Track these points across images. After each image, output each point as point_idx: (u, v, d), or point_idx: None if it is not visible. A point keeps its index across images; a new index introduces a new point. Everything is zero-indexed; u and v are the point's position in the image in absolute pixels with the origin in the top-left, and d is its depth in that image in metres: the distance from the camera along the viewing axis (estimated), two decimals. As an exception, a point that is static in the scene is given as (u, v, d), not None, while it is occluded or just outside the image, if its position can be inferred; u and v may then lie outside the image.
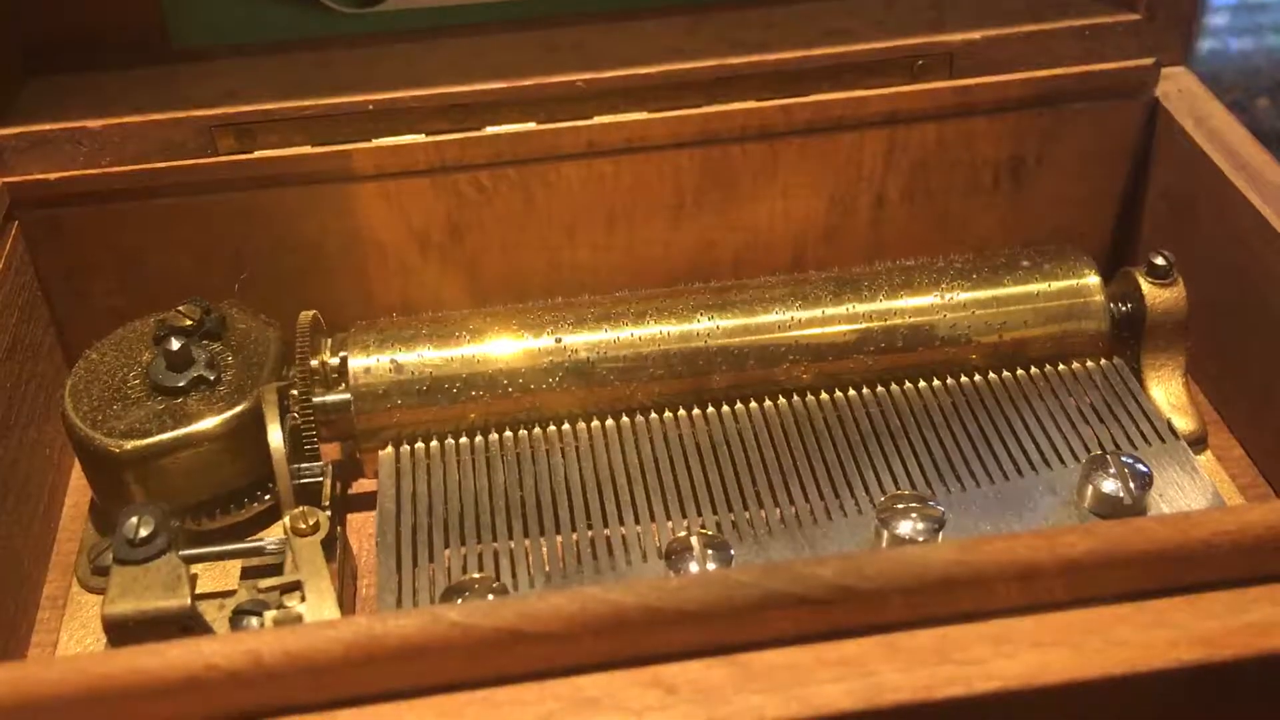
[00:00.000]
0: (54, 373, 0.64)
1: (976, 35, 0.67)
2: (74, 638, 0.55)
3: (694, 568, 0.49)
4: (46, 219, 0.63)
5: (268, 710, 0.40)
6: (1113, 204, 0.71)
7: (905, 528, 0.50)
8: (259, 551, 0.53)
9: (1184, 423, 0.60)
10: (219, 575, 0.56)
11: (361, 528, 0.60)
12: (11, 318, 0.60)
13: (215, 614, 0.53)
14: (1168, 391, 0.61)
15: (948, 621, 0.42)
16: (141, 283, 0.65)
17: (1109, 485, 0.52)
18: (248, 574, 0.54)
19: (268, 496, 0.57)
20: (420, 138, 0.64)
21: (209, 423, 0.55)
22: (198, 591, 0.56)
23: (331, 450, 0.63)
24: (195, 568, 0.56)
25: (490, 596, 0.49)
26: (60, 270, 0.64)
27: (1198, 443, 0.60)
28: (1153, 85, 0.68)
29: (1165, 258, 0.61)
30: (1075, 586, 0.42)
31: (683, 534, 0.51)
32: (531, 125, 0.65)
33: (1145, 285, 0.61)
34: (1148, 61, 0.67)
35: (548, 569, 0.52)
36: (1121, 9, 0.68)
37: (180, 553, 0.52)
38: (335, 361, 0.59)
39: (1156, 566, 0.42)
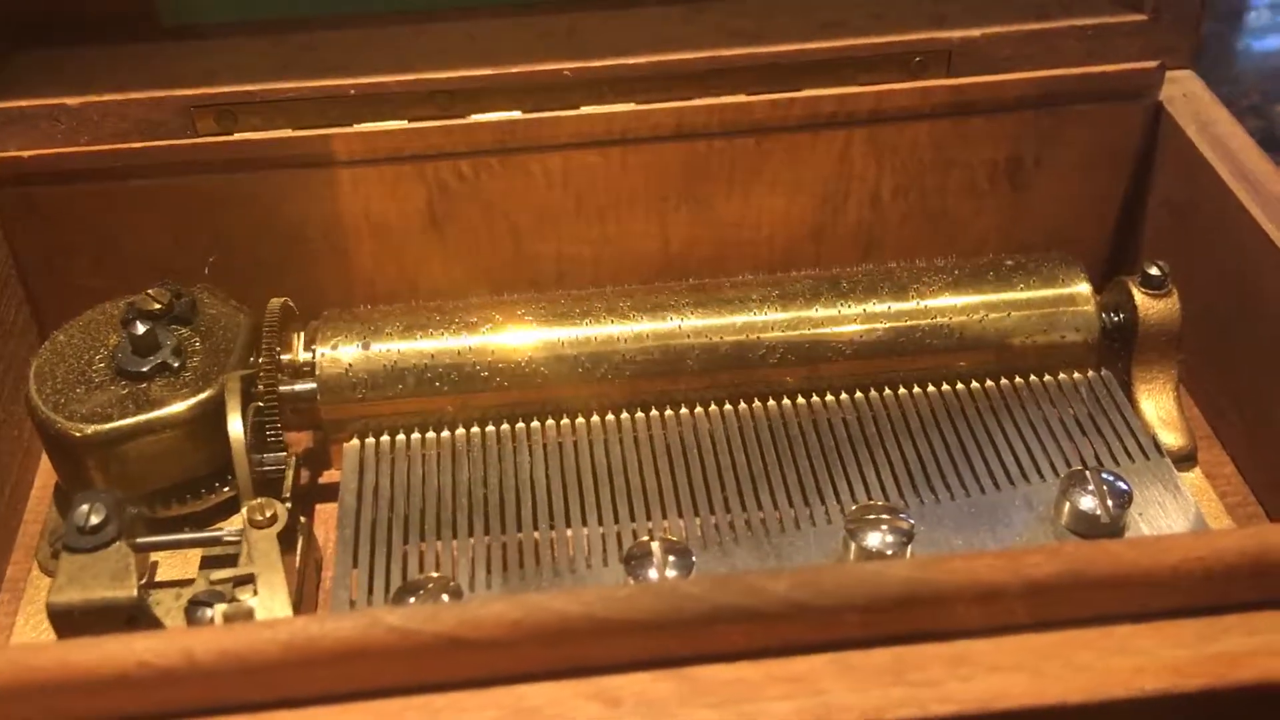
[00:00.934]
0: (26, 353, 0.63)
1: (977, 33, 0.65)
2: (30, 622, 0.54)
3: (653, 574, 0.48)
4: (21, 197, 0.62)
5: (202, 709, 0.39)
6: (1112, 210, 0.69)
7: (874, 539, 0.49)
8: (216, 541, 0.53)
9: (1173, 438, 0.58)
10: (180, 563, 0.56)
11: (330, 518, 0.59)
12: (-20, 296, 0.59)
13: (172, 603, 0.52)
14: (1158, 405, 0.59)
15: (904, 641, 0.40)
16: (118, 264, 0.64)
17: (1087, 502, 0.50)
18: (207, 563, 0.53)
19: (227, 488, 0.56)
20: (402, 124, 0.63)
21: (171, 409, 0.54)
22: (157, 579, 0.56)
23: (305, 439, 0.62)
24: (156, 555, 0.56)
25: (445, 597, 0.48)
26: (36, 249, 0.64)
27: (1187, 459, 0.58)
28: (1157, 88, 0.66)
29: (1160, 267, 0.59)
30: (1038, 609, 0.41)
31: (644, 539, 0.49)
32: (517, 114, 0.64)
33: (1138, 295, 0.59)
34: (1152, 64, 0.65)
35: (505, 570, 0.51)
36: (1127, 9, 0.66)
37: (137, 540, 0.51)
38: (308, 355, 0.58)
39: (1124, 591, 0.40)
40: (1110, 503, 0.50)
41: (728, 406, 0.57)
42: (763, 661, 0.40)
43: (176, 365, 0.55)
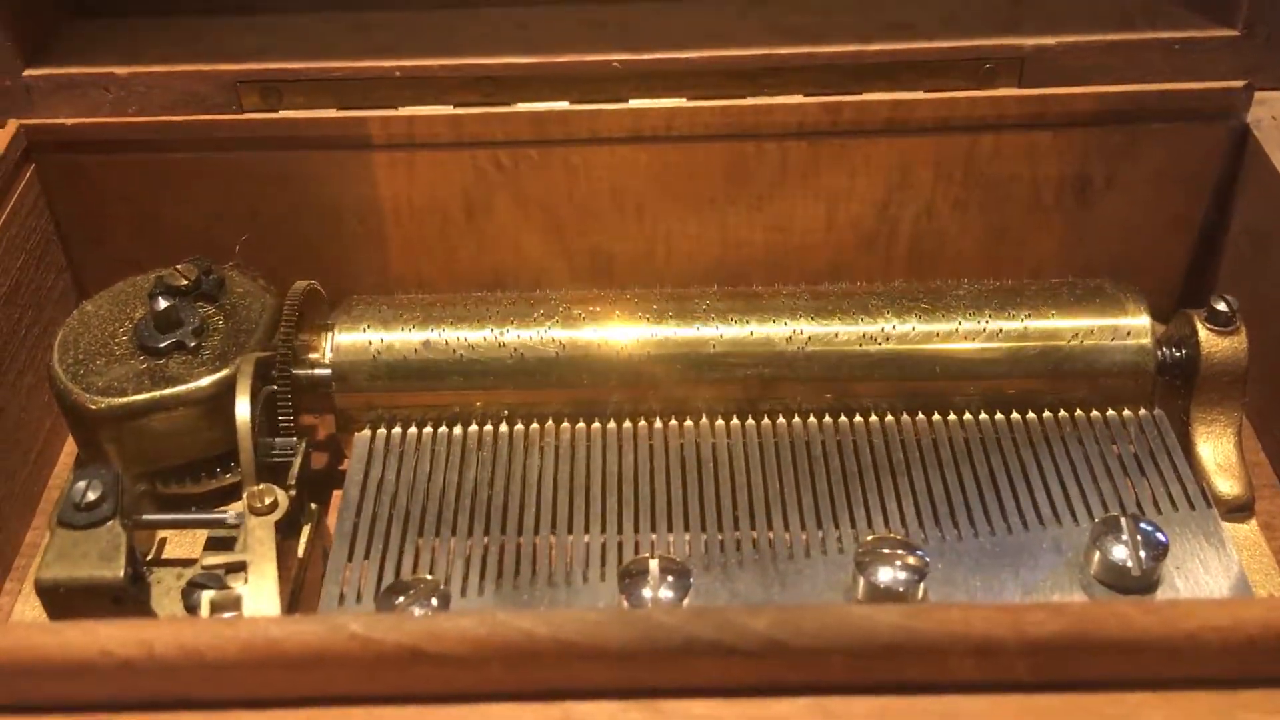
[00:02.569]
0: (64, 319, 0.63)
1: (1052, 41, 0.62)
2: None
3: (647, 594, 0.46)
4: (65, 164, 0.62)
5: (160, 702, 0.39)
6: (1188, 236, 0.65)
7: (884, 575, 0.46)
8: (220, 523, 0.52)
9: (1229, 486, 0.54)
10: (190, 542, 0.55)
11: (346, 506, 0.58)
12: (16, 261, 0.59)
13: (174, 582, 0.52)
14: (1216, 450, 0.55)
15: (891, 691, 0.38)
16: (157, 236, 0.64)
17: (1118, 552, 0.47)
18: (212, 545, 0.53)
19: (230, 473, 0.55)
20: (444, 109, 0.62)
21: (186, 387, 0.54)
22: (164, 556, 0.55)
23: (329, 425, 0.61)
24: (165, 532, 0.55)
25: (434, 600, 0.47)
26: (78, 217, 0.64)
27: (1242, 509, 0.54)
28: (1243, 109, 0.62)
29: (1228, 302, 0.55)
30: (1040, 668, 0.38)
31: (643, 555, 0.47)
32: (563, 105, 0.62)
33: (1202, 331, 0.55)
34: (1239, 83, 0.61)
35: (500, 577, 0.49)
36: (1217, 24, 0.62)
37: (139, 518, 0.51)
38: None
39: (1133, 656, 0.37)
40: (1143, 554, 0.47)
41: (750, 421, 0.55)
42: (738, 700, 0.38)
43: (192, 345, 0.55)
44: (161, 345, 0.55)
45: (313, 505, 0.55)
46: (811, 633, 0.37)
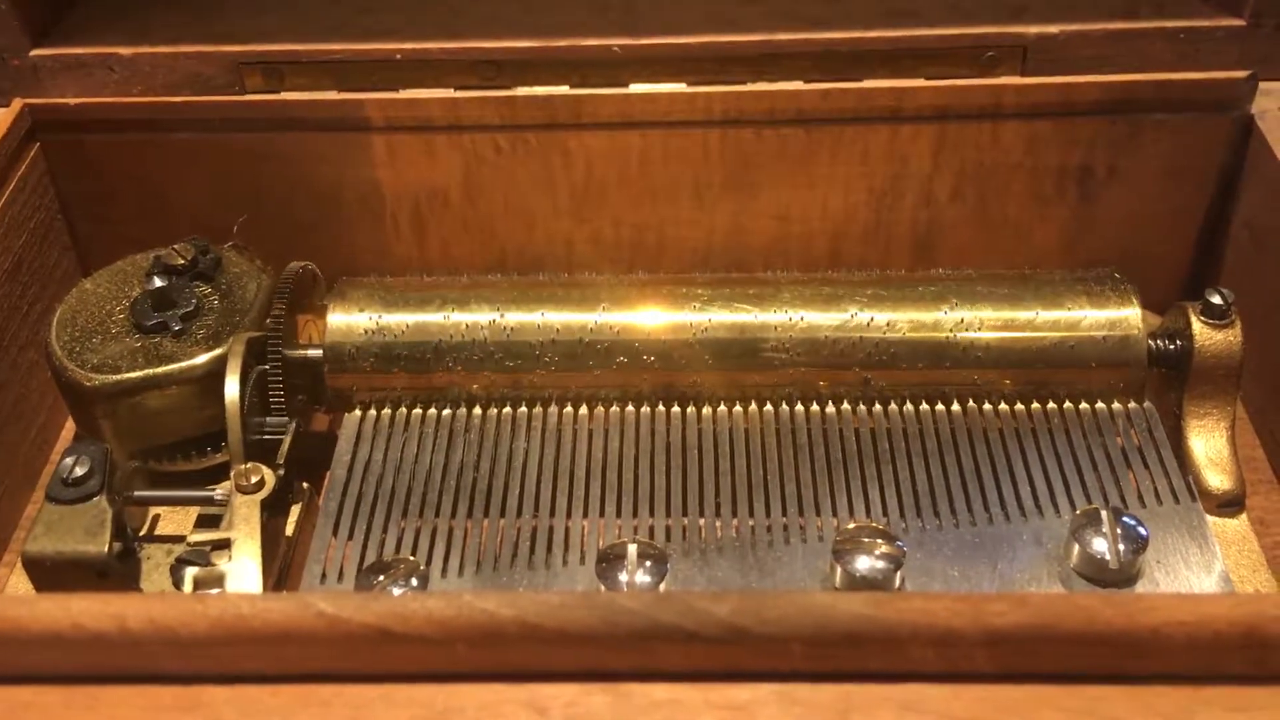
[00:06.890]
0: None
1: (1055, 29, 0.61)
2: (30, 564, 0.55)
3: (623, 578, 0.46)
4: (69, 144, 0.63)
5: (132, 676, 0.39)
6: (1189, 229, 0.64)
7: (862, 564, 0.46)
8: (209, 501, 0.53)
9: (1219, 480, 0.54)
10: (182, 518, 0.56)
11: (340, 486, 0.59)
12: (19, 239, 0.60)
13: (163, 558, 0.53)
14: (1208, 444, 0.55)
15: (853, 678, 0.38)
16: (160, 215, 0.65)
17: (1098, 544, 0.47)
18: (202, 523, 0.54)
19: (222, 451, 0.56)
20: (444, 92, 0.62)
21: (179, 365, 0.55)
22: (157, 533, 0.56)
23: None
24: (158, 509, 0.56)
25: (413, 581, 0.47)
26: (82, 196, 0.65)
27: (1232, 504, 0.54)
28: (1247, 100, 0.61)
29: (1222, 295, 0.55)
30: (1000, 659, 0.38)
31: (622, 540, 0.48)
32: (563, 89, 0.62)
33: (1196, 324, 0.55)
34: (1242, 74, 0.60)
35: (480, 559, 0.49)
36: (1224, 13, 0.61)
37: (131, 494, 0.52)
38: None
39: (1096, 650, 0.37)
40: (1123, 547, 0.47)
41: (737, 407, 0.55)
42: (702, 685, 0.38)
43: (178, 329, 0.55)
44: (153, 324, 0.55)
45: (304, 485, 0.56)
46: (773, 619, 0.37)
